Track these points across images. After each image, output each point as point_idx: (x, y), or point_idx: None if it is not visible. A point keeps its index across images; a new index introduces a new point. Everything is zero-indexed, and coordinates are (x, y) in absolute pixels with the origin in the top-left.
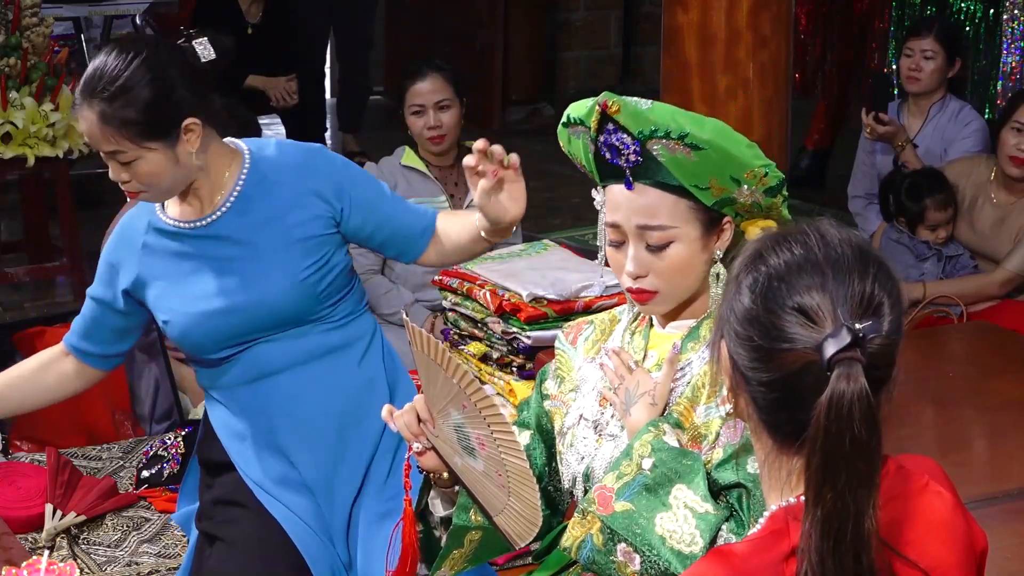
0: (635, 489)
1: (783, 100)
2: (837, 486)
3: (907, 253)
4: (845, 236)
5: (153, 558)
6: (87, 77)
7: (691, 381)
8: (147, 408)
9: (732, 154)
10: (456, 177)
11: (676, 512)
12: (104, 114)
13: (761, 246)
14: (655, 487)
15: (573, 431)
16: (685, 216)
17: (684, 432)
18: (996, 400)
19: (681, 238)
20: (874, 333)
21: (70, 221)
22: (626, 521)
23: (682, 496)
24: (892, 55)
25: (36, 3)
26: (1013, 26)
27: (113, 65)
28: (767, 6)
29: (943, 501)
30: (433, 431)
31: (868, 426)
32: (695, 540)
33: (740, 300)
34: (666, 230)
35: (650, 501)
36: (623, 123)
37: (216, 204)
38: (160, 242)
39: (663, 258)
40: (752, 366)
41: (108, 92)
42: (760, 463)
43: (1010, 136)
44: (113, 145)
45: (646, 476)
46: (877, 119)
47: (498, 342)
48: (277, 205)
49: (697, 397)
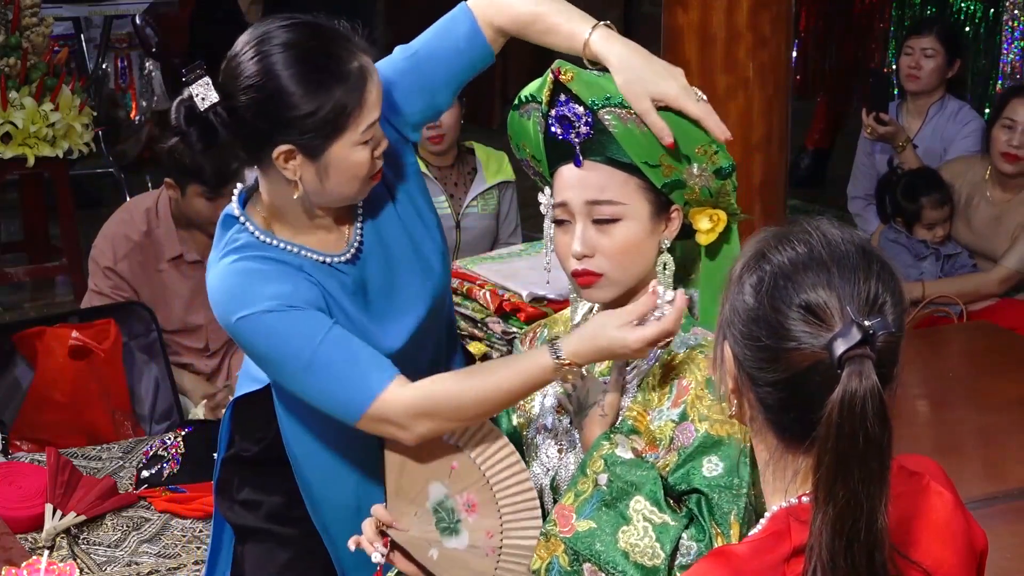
0: (595, 505)
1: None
2: (850, 484)
3: (905, 253)
4: (847, 234)
5: (153, 558)
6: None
7: (643, 384)
8: (147, 408)
9: (683, 124)
10: (456, 177)
11: (636, 525)
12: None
13: (763, 245)
14: (613, 502)
15: (535, 443)
16: (635, 194)
17: (641, 437)
18: (996, 400)
19: (630, 216)
20: (883, 330)
21: (70, 221)
22: (588, 540)
23: (640, 508)
24: (892, 55)
25: (36, 3)
26: (1013, 26)
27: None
28: (767, 6)
29: (944, 501)
30: (402, 529)
31: (880, 422)
32: (656, 553)
33: (744, 300)
34: (615, 205)
35: (611, 516)
36: (576, 91)
37: (347, 236)
38: (324, 281)
39: (611, 236)
40: (759, 366)
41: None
42: (763, 464)
43: (1001, 133)
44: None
45: (603, 492)
46: (878, 119)
47: (498, 342)
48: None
49: (649, 401)
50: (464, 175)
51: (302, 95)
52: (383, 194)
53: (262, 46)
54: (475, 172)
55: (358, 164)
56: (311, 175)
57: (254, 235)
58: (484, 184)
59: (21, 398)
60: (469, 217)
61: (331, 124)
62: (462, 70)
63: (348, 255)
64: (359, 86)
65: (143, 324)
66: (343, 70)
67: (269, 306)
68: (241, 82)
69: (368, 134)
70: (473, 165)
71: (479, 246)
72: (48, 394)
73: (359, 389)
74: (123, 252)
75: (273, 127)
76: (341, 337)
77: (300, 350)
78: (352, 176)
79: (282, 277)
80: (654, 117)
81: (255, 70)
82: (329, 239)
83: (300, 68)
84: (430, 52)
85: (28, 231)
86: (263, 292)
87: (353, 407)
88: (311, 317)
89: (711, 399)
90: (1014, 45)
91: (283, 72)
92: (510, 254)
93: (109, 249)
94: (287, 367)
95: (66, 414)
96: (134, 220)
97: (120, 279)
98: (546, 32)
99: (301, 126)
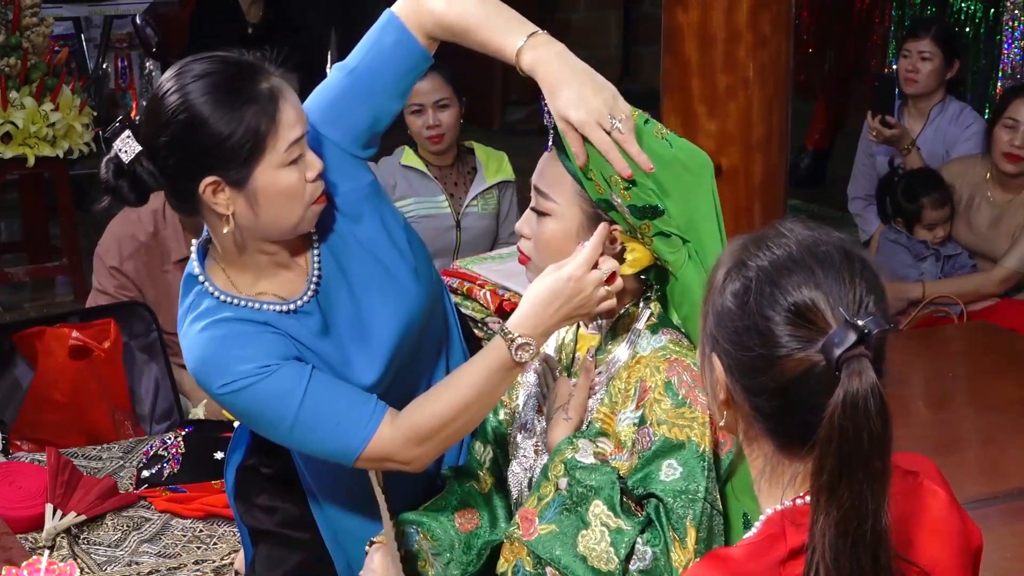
0: (556, 509)
1: (783, 100)
2: (854, 484)
3: (905, 253)
4: (823, 234)
5: (153, 558)
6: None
7: (610, 386)
8: (147, 408)
9: (593, 150)
10: (455, 177)
11: (595, 529)
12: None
13: (741, 252)
14: (574, 507)
15: (516, 442)
16: (571, 197)
17: (609, 438)
18: (995, 400)
19: (559, 216)
20: (877, 327)
21: (70, 221)
22: (548, 544)
23: (598, 512)
24: (892, 55)
25: (36, 3)
26: (1013, 26)
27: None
28: (767, 6)
29: (938, 499)
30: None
31: (883, 420)
32: (611, 558)
33: (729, 310)
34: (548, 200)
35: (571, 520)
36: None
37: (301, 280)
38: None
39: (539, 228)
40: (753, 376)
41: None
42: (758, 472)
43: (1003, 133)
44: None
45: (563, 496)
46: (884, 122)
47: None
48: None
49: (616, 403)
50: (464, 175)
51: (216, 120)
52: (337, 219)
53: (179, 80)
54: (475, 172)
55: (288, 188)
56: (243, 207)
57: (215, 296)
58: (484, 184)
59: (21, 398)
60: (469, 217)
61: (248, 147)
62: (402, 76)
63: (309, 292)
64: (271, 106)
65: (143, 324)
66: (253, 92)
67: (245, 372)
68: (161, 120)
69: (291, 154)
70: (473, 165)
71: (479, 246)
72: (48, 394)
73: (350, 435)
74: (129, 252)
75: (194, 161)
76: (322, 386)
77: (284, 411)
78: (286, 201)
79: (250, 338)
80: (570, 136)
81: (171, 102)
82: (289, 277)
83: (213, 94)
84: (367, 66)
85: (28, 231)
86: (236, 357)
87: (348, 453)
88: (287, 374)
89: (670, 403)
90: (1014, 45)
91: (197, 100)
92: (510, 254)
93: (115, 248)
94: (277, 429)
95: (66, 414)
96: (141, 220)
97: (125, 278)
98: (480, 45)
99: (219, 153)
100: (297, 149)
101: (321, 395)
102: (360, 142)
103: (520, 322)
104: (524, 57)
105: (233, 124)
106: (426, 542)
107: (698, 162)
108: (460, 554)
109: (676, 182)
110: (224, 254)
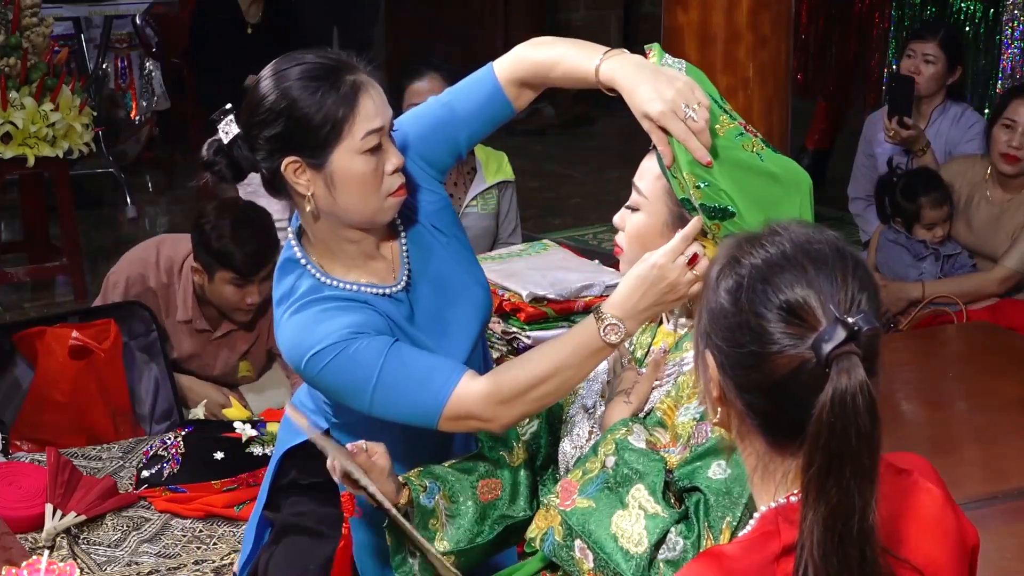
0: (597, 486)
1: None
2: (842, 482)
3: (905, 253)
4: (817, 233)
5: (153, 558)
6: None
7: (679, 380)
8: (147, 408)
9: (677, 148)
10: (456, 177)
11: (631, 511)
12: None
13: (735, 251)
14: (615, 486)
15: (573, 420)
16: (659, 194)
17: (666, 431)
18: (995, 400)
19: (647, 211)
20: (867, 325)
21: (70, 221)
22: (583, 518)
23: (639, 496)
24: (892, 55)
25: (36, 3)
26: (1013, 26)
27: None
28: (767, 6)
29: (933, 498)
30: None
31: (871, 418)
32: (642, 540)
33: (723, 307)
34: (639, 195)
35: (609, 499)
36: None
37: (395, 269)
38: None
39: (629, 222)
40: (744, 372)
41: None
42: (751, 469)
43: (1001, 133)
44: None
45: (608, 474)
46: (902, 123)
47: (498, 342)
48: (422, 228)
49: (681, 397)
50: (463, 175)
51: (301, 103)
52: (421, 220)
53: (276, 66)
54: (475, 172)
55: (363, 175)
56: (321, 188)
57: (316, 277)
58: (484, 184)
59: (21, 398)
60: (469, 217)
61: (327, 131)
62: (483, 126)
63: (402, 283)
64: (352, 96)
65: (143, 324)
66: (338, 82)
67: (335, 338)
68: (254, 102)
69: (367, 143)
70: (472, 165)
71: (479, 246)
72: (48, 394)
73: (433, 391)
74: (135, 292)
75: (278, 140)
76: (404, 349)
77: (367, 373)
78: (361, 187)
79: (351, 310)
80: (654, 135)
81: (266, 86)
82: (379, 267)
83: (301, 80)
84: (458, 107)
85: (28, 231)
86: (331, 327)
87: (432, 409)
88: (374, 341)
89: None
90: (1014, 45)
91: (288, 85)
92: (510, 254)
93: (123, 283)
94: (359, 394)
95: (66, 414)
96: (159, 268)
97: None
98: (564, 77)
99: (300, 135)
100: (374, 138)
101: (404, 355)
102: (437, 167)
103: (612, 304)
104: (602, 71)
105: (314, 108)
106: (444, 502)
107: (792, 177)
108: (472, 523)
109: (760, 191)
110: (315, 243)
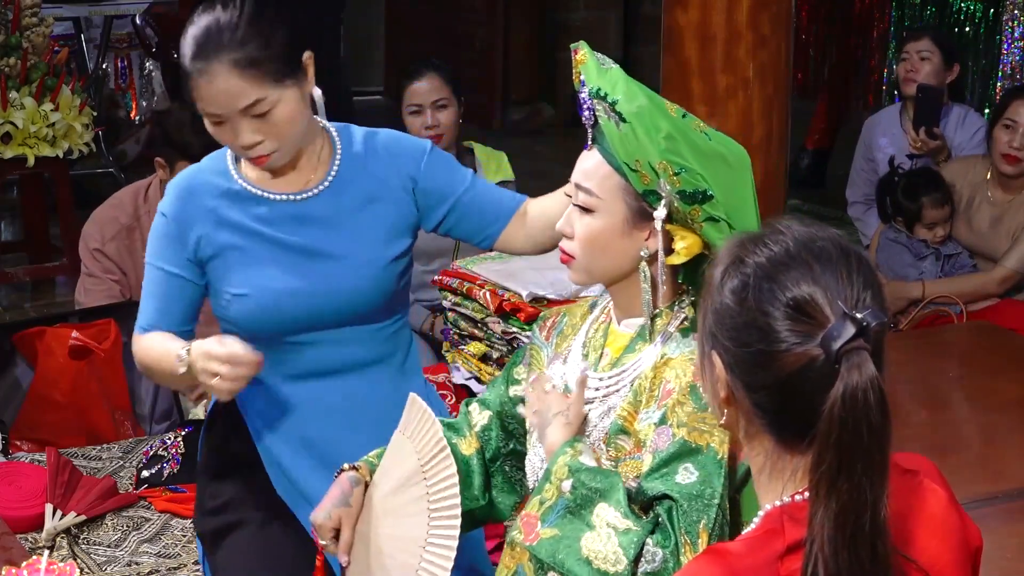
0: (559, 513)
1: (783, 100)
2: (854, 477)
3: (905, 252)
4: (820, 231)
5: (153, 558)
6: (202, 37)
7: (635, 384)
8: (147, 408)
9: (641, 139)
10: None
11: (599, 531)
12: (239, 61)
13: (739, 250)
14: (577, 509)
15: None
16: (614, 192)
17: (629, 437)
18: (995, 400)
19: (603, 211)
20: (875, 320)
21: (70, 221)
22: (551, 548)
23: (604, 515)
24: (892, 55)
25: (36, 3)
26: (1013, 26)
27: (227, 16)
28: (767, 6)
29: (938, 498)
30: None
31: (882, 413)
32: (619, 559)
33: (728, 307)
34: (591, 196)
35: (574, 523)
36: (583, 76)
37: (311, 181)
38: (236, 209)
39: (582, 224)
40: (753, 372)
41: (238, 37)
42: (758, 469)
43: (1002, 134)
44: (253, 94)
45: (567, 499)
46: (930, 134)
47: (498, 342)
48: (369, 191)
49: (639, 402)
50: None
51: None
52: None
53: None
54: (475, 172)
55: (212, 131)
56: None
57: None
58: None
59: (21, 398)
60: None
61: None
62: (487, 223)
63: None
64: (196, 76)
65: None
66: (196, 59)
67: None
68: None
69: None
70: (472, 165)
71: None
72: (48, 394)
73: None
74: (111, 234)
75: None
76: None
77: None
78: (218, 136)
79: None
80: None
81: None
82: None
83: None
84: (480, 198)
85: (28, 231)
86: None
87: None
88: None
89: (693, 406)
90: (1014, 45)
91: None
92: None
93: (97, 231)
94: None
95: (66, 414)
96: (124, 204)
97: (108, 260)
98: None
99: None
100: (211, 117)
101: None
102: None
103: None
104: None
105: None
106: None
107: (736, 156)
108: None
109: (718, 175)
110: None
